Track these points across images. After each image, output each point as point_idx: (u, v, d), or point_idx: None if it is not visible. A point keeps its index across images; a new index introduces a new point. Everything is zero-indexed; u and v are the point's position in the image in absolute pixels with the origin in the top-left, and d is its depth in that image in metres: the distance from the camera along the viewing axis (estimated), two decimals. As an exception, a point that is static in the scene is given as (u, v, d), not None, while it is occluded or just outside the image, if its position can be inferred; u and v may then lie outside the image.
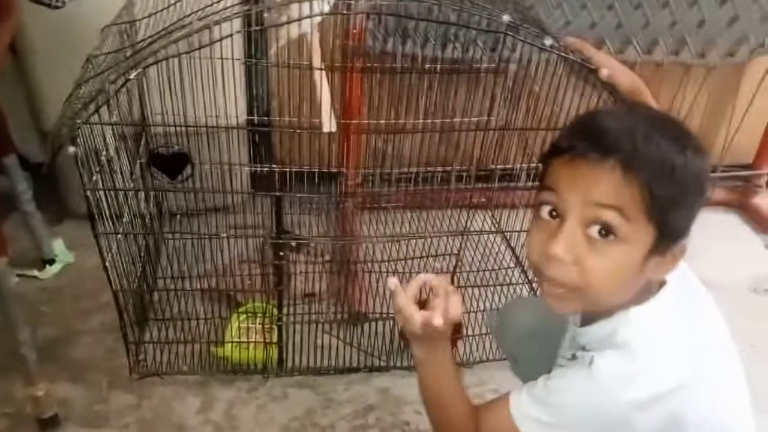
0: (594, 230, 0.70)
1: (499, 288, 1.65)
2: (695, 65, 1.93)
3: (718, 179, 2.11)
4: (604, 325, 0.77)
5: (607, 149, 0.69)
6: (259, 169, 1.51)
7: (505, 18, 1.03)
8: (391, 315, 1.51)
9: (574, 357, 0.80)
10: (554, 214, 0.74)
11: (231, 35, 0.97)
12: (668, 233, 0.71)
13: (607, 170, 0.68)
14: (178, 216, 1.73)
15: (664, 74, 1.91)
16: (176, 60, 1.11)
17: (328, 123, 1.05)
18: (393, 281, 0.83)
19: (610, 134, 0.69)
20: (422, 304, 0.82)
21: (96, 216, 1.15)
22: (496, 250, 1.77)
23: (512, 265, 1.76)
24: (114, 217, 1.20)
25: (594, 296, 0.73)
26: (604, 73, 1.06)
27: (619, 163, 0.68)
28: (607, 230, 0.70)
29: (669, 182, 0.69)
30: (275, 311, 1.38)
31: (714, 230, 1.97)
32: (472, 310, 1.59)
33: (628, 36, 1.86)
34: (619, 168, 0.68)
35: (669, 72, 1.92)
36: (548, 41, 1.05)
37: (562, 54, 1.08)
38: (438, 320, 0.79)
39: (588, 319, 0.81)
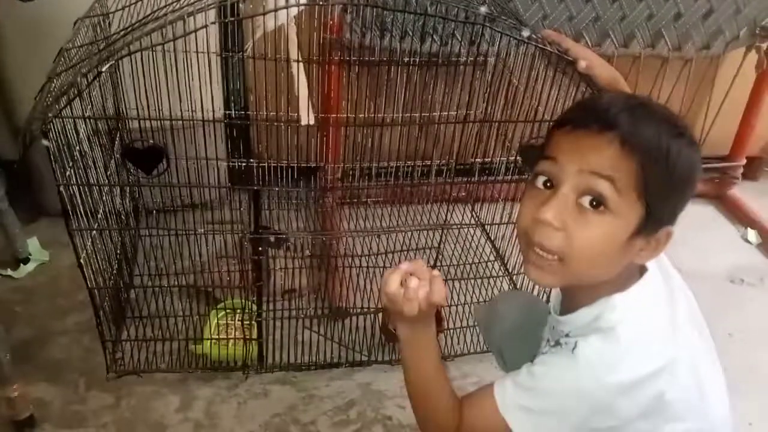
0: (586, 200, 0.73)
1: (479, 281, 1.65)
2: (672, 58, 1.94)
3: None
4: (587, 311, 0.79)
5: (609, 123, 0.72)
6: (236, 163, 1.49)
7: (483, 10, 1.03)
8: (371, 309, 1.51)
9: (557, 344, 0.81)
10: (549, 184, 0.76)
11: (205, 26, 0.96)
12: (655, 215, 0.73)
13: (606, 142, 0.72)
14: (155, 212, 1.70)
15: (642, 67, 1.92)
16: (151, 53, 1.09)
17: (306, 116, 1.04)
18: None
19: (612, 110, 0.73)
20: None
21: (70, 212, 1.13)
22: (476, 243, 1.78)
23: (492, 258, 1.76)
24: (89, 213, 1.17)
25: (576, 267, 0.75)
26: (581, 64, 1.07)
27: (618, 137, 0.71)
28: (598, 201, 0.72)
29: (662, 163, 0.71)
30: (254, 307, 1.37)
31: (691, 221, 1.97)
32: (453, 303, 1.59)
33: (606, 29, 1.87)
34: (618, 141, 0.71)
35: (646, 65, 1.93)
36: (526, 33, 1.05)
37: (540, 45, 1.09)
38: (415, 284, 0.78)
39: (570, 307, 0.82)
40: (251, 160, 1.29)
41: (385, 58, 1.69)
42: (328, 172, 1.81)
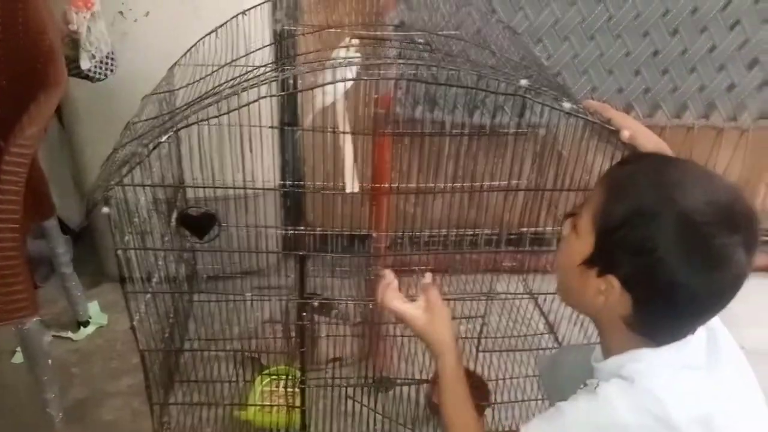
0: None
1: (529, 354, 1.60)
2: (727, 128, 1.91)
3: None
4: (615, 360, 0.82)
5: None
6: (288, 232, 1.54)
7: (524, 82, 1.05)
8: (416, 380, 1.49)
9: (585, 385, 0.85)
10: None
11: (257, 100, 1.01)
12: (604, 251, 0.78)
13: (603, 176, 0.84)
14: (211, 279, 1.75)
15: (696, 138, 1.90)
16: (211, 126, 1.15)
17: (351, 184, 1.07)
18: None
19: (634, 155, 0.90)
20: None
21: (127, 276, 1.18)
22: (527, 315, 1.74)
23: (543, 330, 1.71)
24: (144, 277, 1.22)
25: (557, 286, 0.88)
26: (625, 134, 1.06)
27: (607, 172, 0.83)
28: (574, 223, 0.83)
29: (619, 204, 0.77)
30: (299, 374, 1.37)
31: (756, 296, 1.89)
32: (501, 377, 1.54)
33: (657, 100, 1.87)
34: (605, 174, 0.83)
35: (701, 135, 1.91)
36: (567, 104, 1.06)
37: (581, 116, 1.09)
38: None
39: (605, 356, 0.86)
40: (299, 228, 1.32)
41: (434, 130, 1.74)
42: (378, 240, 1.84)
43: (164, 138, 1.00)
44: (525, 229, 1.69)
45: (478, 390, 1.51)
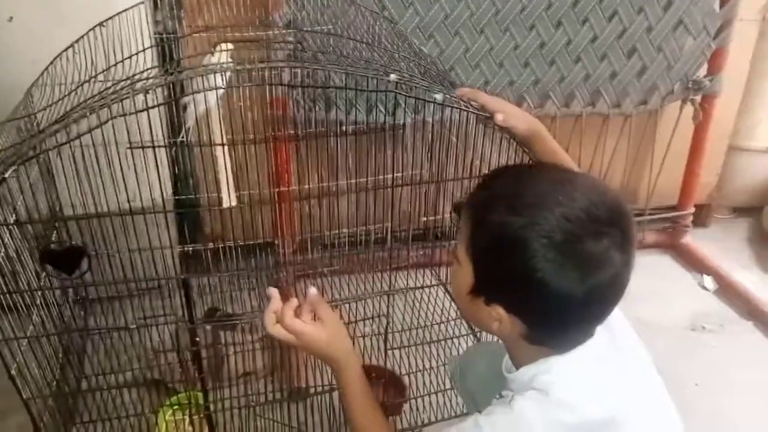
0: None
1: (443, 344, 1.62)
2: (612, 115, 2.00)
3: (646, 222, 2.16)
4: (526, 370, 0.82)
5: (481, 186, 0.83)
6: (181, 249, 1.46)
7: (393, 77, 1.03)
8: (331, 387, 1.46)
9: (501, 396, 0.85)
10: None
11: (106, 121, 0.93)
12: (482, 281, 0.79)
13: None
14: (107, 301, 1.63)
15: (584, 125, 1.97)
16: (84, 147, 1.06)
17: (228, 198, 1.02)
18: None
19: (486, 176, 0.84)
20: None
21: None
22: (430, 305, 1.75)
23: (455, 316, 1.73)
24: (20, 319, 1.12)
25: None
26: (498, 118, 1.07)
27: (467, 199, 0.82)
28: (453, 252, 0.82)
29: (483, 236, 0.77)
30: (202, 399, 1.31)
31: (648, 272, 2.01)
32: (416, 370, 1.55)
33: (546, 91, 1.92)
34: (466, 203, 0.81)
35: (588, 122, 1.98)
36: (439, 96, 1.05)
37: (453, 106, 1.08)
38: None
39: (515, 365, 0.86)
40: (193, 245, 1.25)
41: (332, 130, 1.71)
42: (282, 246, 1.79)
43: (9, 172, 0.90)
44: (427, 218, 1.70)
45: (395, 387, 1.51)
